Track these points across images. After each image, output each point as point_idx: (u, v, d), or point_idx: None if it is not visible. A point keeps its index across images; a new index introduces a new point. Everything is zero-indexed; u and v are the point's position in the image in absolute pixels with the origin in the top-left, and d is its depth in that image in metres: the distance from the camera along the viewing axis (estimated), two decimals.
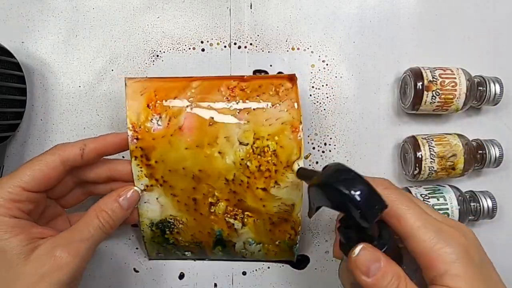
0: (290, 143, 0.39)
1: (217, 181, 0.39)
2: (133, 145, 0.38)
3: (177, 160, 0.39)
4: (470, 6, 0.48)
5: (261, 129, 0.39)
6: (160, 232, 0.42)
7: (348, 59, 0.47)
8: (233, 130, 0.39)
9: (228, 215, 0.41)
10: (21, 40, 0.45)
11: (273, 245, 0.43)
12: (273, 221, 0.41)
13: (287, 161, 0.39)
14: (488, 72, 0.46)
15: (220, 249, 0.43)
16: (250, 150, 0.39)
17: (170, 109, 0.39)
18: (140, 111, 0.38)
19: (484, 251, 0.32)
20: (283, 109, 0.39)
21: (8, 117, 0.42)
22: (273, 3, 0.47)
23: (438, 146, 0.44)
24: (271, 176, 0.39)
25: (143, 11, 0.46)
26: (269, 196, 0.40)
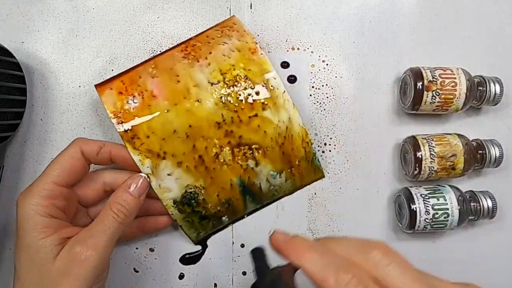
0: (255, 64, 0.40)
1: (210, 129, 0.40)
2: (121, 129, 0.39)
3: (164, 125, 0.39)
4: (470, 6, 0.48)
5: (224, 64, 0.40)
6: (188, 208, 0.42)
7: (348, 59, 0.47)
8: (199, 76, 0.40)
9: (239, 158, 0.41)
10: (21, 40, 0.45)
11: (295, 168, 0.43)
12: (280, 143, 0.41)
13: (262, 79, 0.40)
14: (488, 72, 0.46)
15: (251, 199, 0.43)
16: (224, 85, 0.40)
17: (138, 86, 0.40)
18: (115, 101, 0.40)
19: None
20: (235, 41, 0.41)
21: (8, 117, 0.42)
22: (273, 3, 0.47)
23: (438, 146, 0.44)
24: (254, 100, 0.40)
25: (143, 11, 0.46)
26: (264, 120, 0.41)
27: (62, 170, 0.37)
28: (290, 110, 0.41)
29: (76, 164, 0.37)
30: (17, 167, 0.45)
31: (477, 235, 0.48)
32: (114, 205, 0.37)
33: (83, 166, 0.38)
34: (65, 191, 0.37)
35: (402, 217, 0.45)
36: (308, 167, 0.44)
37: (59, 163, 0.37)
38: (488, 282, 0.49)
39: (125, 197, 0.37)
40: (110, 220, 0.36)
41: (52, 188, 0.36)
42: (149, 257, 0.46)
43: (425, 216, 0.43)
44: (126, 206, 0.37)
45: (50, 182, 0.36)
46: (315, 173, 0.45)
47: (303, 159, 0.43)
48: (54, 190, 0.36)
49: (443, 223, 0.43)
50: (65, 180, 0.37)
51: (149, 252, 0.46)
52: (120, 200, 0.37)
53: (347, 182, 0.47)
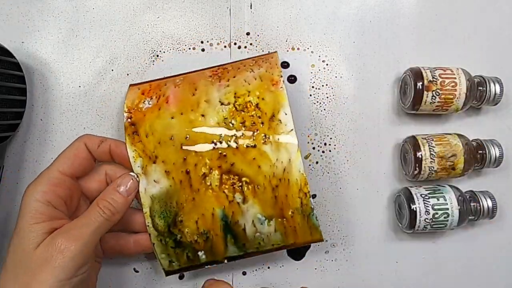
0: (272, 95, 0.39)
1: (204, 144, 0.39)
2: (127, 122, 0.40)
3: (164, 129, 0.39)
4: (470, 6, 0.48)
5: (241, 88, 0.39)
6: (164, 225, 0.39)
7: (348, 59, 0.47)
8: (213, 94, 0.40)
9: (226, 187, 0.39)
10: (21, 40, 0.45)
11: (288, 219, 0.39)
12: (274, 185, 0.38)
13: (272, 112, 0.39)
14: (488, 72, 0.46)
15: (232, 241, 0.40)
16: (233, 108, 0.39)
17: (159, 91, 0.41)
18: (135, 98, 0.41)
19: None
20: (262, 70, 0.40)
21: (8, 117, 0.42)
22: (273, 3, 0.47)
23: (438, 146, 0.44)
24: (258, 130, 0.38)
25: (143, 11, 0.46)
26: (261, 154, 0.38)
27: (66, 160, 0.38)
28: (292, 152, 0.38)
29: (80, 156, 0.38)
30: (17, 167, 0.45)
31: (477, 235, 0.48)
32: (101, 202, 0.37)
33: (87, 158, 0.39)
34: (68, 181, 0.38)
35: (402, 217, 0.45)
36: (303, 223, 0.39)
37: (65, 154, 0.38)
38: (488, 282, 0.49)
39: (113, 195, 0.38)
40: (95, 215, 0.36)
41: (56, 176, 0.37)
42: (149, 257, 0.46)
43: (425, 216, 0.43)
44: (113, 204, 0.37)
45: (55, 170, 0.37)
46: (312, 233, 0.40)
47: (298, 211, 0.39)
48: (58, 178, 0.37)
49: (443, 223, 0.43)
50: (69, 169, 0.38)
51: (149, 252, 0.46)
52: (108, 197, 0.37)
53: (347, 182, 0.47)
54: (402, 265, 0.47)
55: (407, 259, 0.48)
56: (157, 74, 0.46)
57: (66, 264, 0.34)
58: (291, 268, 0.47)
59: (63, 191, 0.37)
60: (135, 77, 0.46)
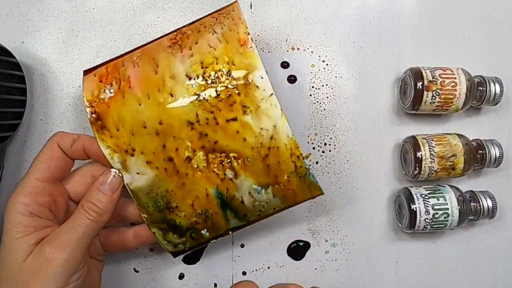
0: (242, 58, 0.35)
1: (182, 129, 0.36)
2: (92, 118, 0.37)
3: (134, 117, 0.36)
4: (470, 6, 0.48)
5: (207, 56, 0.36)
6: (159, 214, 0.38)
7: (348, 59, 0.47)
8: (177, 67, 0.36)
9: (214, 166, 0.36)
10: (21, 40, 0.45)
11: (284, 184, 0.37)
12: (264, 154, 0.36)
13: (246, 77, 0.35)
14: (488, 72, 0.46)
15: (232, 214, 0.38)
16: (203, 81, 0.35)
17: (118, 75, 0.37)
18: (93, 87, 0.37)
19: None
20: (226, 30, 0.36)
21: (8, 117, 0.42)
22: (273, 3, 0.47)
23: (438, 146, 0.44)
24: (235, 101, 0.35)
25: (143, 11, 0.46)
26: (244, 125, 0.36)
27: (42, 164, 0.36)
28: (276, 117, 0.35)
29: (54, 157, 0.37)
30: (17, 167, 0.45)
31: (477, 235, 0.48)
32: (85, 203, 0.36)
33: (62, 158, 0.37)
34: (48, 187, 0.36)
35: (402, 217, 0.45)
36: (301, 183, 0.38)
37: (39, 159, 0.36)
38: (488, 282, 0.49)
39: (97, 195, 0.36)
40: (80, 219, 0.35)
41: (34, 184, 0.35)
42: (149, 257, 0.46)
43: (425, 216, 0.43)
44: (98, 204, 0.35)
45: (32, 178, 0.36)
46: (311, 190, 0.38)
47: (294, 174, 0.37)
48: (36, 186, 0.35)
49: (443, 223, 0.43)
50: (46, 175, 0.36)
51: (149, 252, 0.46)
52: (92, 198, 0.36)
53: (347, 182, 0.47)
54: (402, 265, 0.47)
55: (407, 259, 0.48)
56: None
57: (56, 273, 0.33)
58: (291, 268, 0.47)
59: (44, 199, 0.36)
60: None
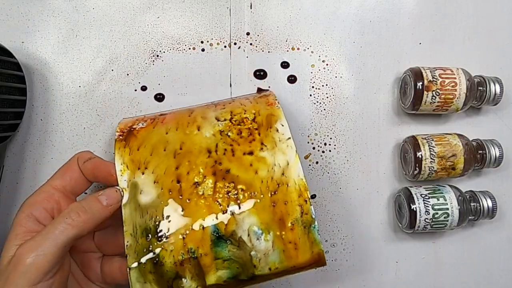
0: (268, 111, 0.39)
1: (199, 156, 0.37)
2: (118, 139, 0.39)
3: (158, 141, 0.38)
4: (470, 6, 0.48)
5: (237, 108, 0.40)
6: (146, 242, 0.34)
7: (348, 59, 0.47)
8: (209, 113, 0.40)
9: (219, 195, 0.35)
10: (21, 40, 0.45)
11: (287, 232, 0.35)
12: (272, 190, 0.35)
13: (268, 123, 0.38)
14: (488, 72, 0.46)
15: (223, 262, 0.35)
16: (229, 123, 0.38)
17: (157, 116, 0.41)
18: (128, 121, 0.41)
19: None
20: (257, 98, 0.41)
21: (8, 117, 0.42)
22: (273, 3, 0.47)
23: (438, 146, 0.44)
24: (255, 139, 0.37)
25: (143, 11, 0.46)
26: (258, 159, 0.36)
27: (58, 174, 0.37)
28: (290, 156, 0.36)
29: (71, 169, 0.37)
30: (17, 167, 0.45)
31: (477, 235, 0.48)
32: (74, 206, 0.34)
33: (77, 172, 0.37)
34: (58, 195, 0.36)
35: (402, 217, 0.45)
36: (304, 237, 0.35)
37: (59, 170, 0.38)
38: (488, 282, 0.49)
39: (91, 200, 0.35)
40: (59, 220, 0.33)
41: (45, 189, 0.36)
42: None
43: (425, 216, 0.43)
44: (87, 208, 0.34)
45: (47, 184, 0.37)
46: (313, 250, 0.35)
47: (298, 222, 0.35)
48: (47, 191, 0.36)
49: (443, 223, 0.43)
50: (58, 182, 0.37)
51: None
52: (84, 202, 0.35)
53: (347, 182, 0.47)
54: (402, 265, 0.47)
55: (407, 259, 0.48)
56: (157, 74, 0.46)
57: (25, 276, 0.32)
58: None
59: (49, 204, 0.35)
60: (135, 77, 0.46)
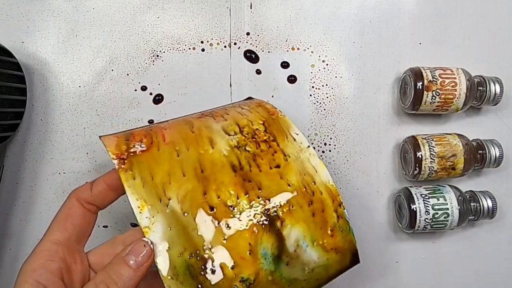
0: (276, 122, 0.37)
1: (223, 172, 0.33)
2: (121, 169, 0.32)
3: (172, 166, 0.33)
4: (470, 6, 0.48)
5: (241, 119, 0.37)
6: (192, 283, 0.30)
7: (348, 59, 0.47)
8: (215, 127, 0.36)
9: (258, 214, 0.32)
10: (21, 40, 0.45)
11: (327, 238, 0.34)
12: (309, 200, 0.34)
13: (283, 134, 0.36)
14: (488, 72, 0.46)
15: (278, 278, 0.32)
16: (242, 137, 0.35)
17: (148, 135, 0.35)
18: (120, 143, 0.34)
19: None
20: (253, 106, 0.40)
21: (8, 117, 0.42)
22: (273, 3, 0.47)
23: (438, 146, 0.44)
24: (276, 151, 0.35)
25: (143, 11, 0.46)
26: (287, 171, 0.34)
27: (57, 224, 0.32)
28: (316, 164, 0.35)
29: (72, 214, 0.32)
30: (17, 167, 0.45)
31: (477, 235, 0.48)
32: (102, 276, 0.29)
33: (82, 216, 0.33)
34: (63, 250, 0.31)
35: (402, 217, 0.45)
36: (342, 237, 0.34)
37: (56, 219, 0.32)
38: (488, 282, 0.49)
39: (119, 267, 0.30)
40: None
41: (47, 247, 0.31)
42: None
43: (425, 216, 0.43)
44: (120, 282, 0.29)
45: (46, 240, 0.31)
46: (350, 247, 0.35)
47: (336, 227, 0.34)
48: (49, 249, 0.31)
49: (443, 223, 0.43)
50: (61, 235, 0.32)
51: None
52: (112, 271, 0.29)
53: (347, 182, 0.47)
54: (402, 265, 0.47)
55: (407, 259, 0.48)
56: (157, 74, 0.46)
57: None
58: None
59: (55, 265, 0.30)
60: (135, 77, 0.46)
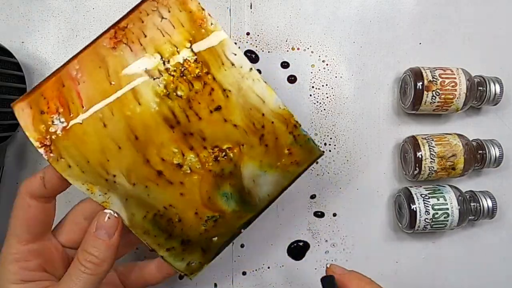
0: (206, 40, 0.31)
1: (160, 132, 0.31)
2: (54, 160, 0.31)
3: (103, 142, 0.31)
4: (470, 6, 0.48)
5: (164, 46, 0.31)
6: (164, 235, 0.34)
7: (348, 59, 0.47)
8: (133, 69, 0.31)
9: (209, 164, 0.32)
10: (21, 40, 0.45)
11: (286, 157, 0.34)
12: (259, 135, 0.32)
13: (217, 56, 0.31)
14: (488, 72, 0.46)
15: (241, 208, 0.34)
16: (169, 77, 0.31)
17: (63, 98, 0.31)
18: (37, 123, 0.31)
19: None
20: (175, 12, 0.31)
21: (8, 117, 0.42)
22: (273, 3, 0.47)
23: (438, 146, 0.44)
24: (213, 88, 0.31)
25: None
26: (230, 111, 0.31)
27: (19, 228, 0.32)
28: (262, 92, 0.31)
29: (31, 215, 0.32)
30: (17, 167, 0.45)
31: (477, 235, 0.48)
32: (82, 254, 0.31)
33: (41, 211, 0.32)
34: (35, 248, 0.32)
35: (402, 217, 0.45)
36: (303, 151, 0.34)
37: (14, 222, 0.32)
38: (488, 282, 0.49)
39: (93, 242, 0.31)
40: (76, 274, 0.31)
41: (18, 251, 0.31)
42: (149, 257, 0.46)
43: (425, 216, 0.43)
44: (95, 254, 0.31)
45: (13, 243, 0.31)
46: (311, 154, 0.35)
47: (294, 145, 0.33)
48: (20, 252, 0.31)
49: (443, 223, 0.43)
50: (27, 237, 0.32)
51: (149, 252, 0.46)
52: (87, 247, 0.31)
53: (347, 182, 0.47)
54: (402, 265, 0.47)
55: (407, 259, 0.48)
56: None
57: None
58: (291, 268, 0.47)
59: (33, 263, 0.32)
60: None
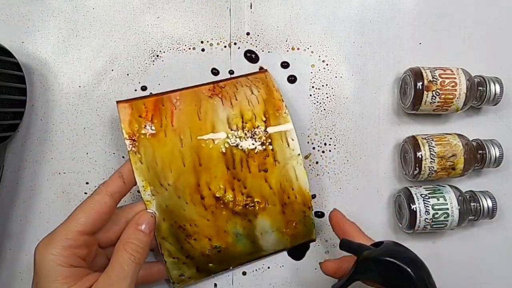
0: (278, 121, 0.41)
1: (217, 167, 0.40)
2: (133, 153, 0.39)
3: (175, 156, 0.39)
4: (470, 6, 0.48)
5: (247, 112, 0.41)
6: (177, 245, 0.41)
7: (348, 59, 0.47)
8: (220, 116, 0.41)
9: (239, 207, 0.41)
10: (21, 40, 0.45)
11: (291, 228, 0.43)
12: (283, 202, 0.42)
13: (280, 135, 0.41)
14: (488, 72, 0.46)
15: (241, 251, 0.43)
16: (242, 134, 0.41)
17: (159, 113, 0.40)
18: (132, 121, 0.40)
19: None
20: (263, 93, 0.42)
21: (8, 117, 0.42)
22: (273, 3, 0.47)
23: (438, 146, 0.44)
24: (268, 155, 0.41)
25: (143, 11, 0.46)
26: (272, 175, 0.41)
27: (87, 218, 0.35)
28: (299, 172, 0.41)
29: (104, 211, 0.36)
30: (17, 167, 0.45)
31: (477, 235, 0.48)
32: (128, 245, 0.35)
33: (110, 208, 0.37)
34: (88, 240, 0.36)
35: (402, 217, 0.45)
36: (304, 229, 0.44)
37: (85, 211, 0.35)
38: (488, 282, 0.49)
39: (137, 234, 0.36)
40: (127, 263, 0.34)
41: (76, 238, 0.34)
42: (149, 257, 0.46)
43: (425, 216, 0.43)
44: (140, 244, 0.36)
45: (74, 231, 0.34)
46: (307, 235, 0.45)
47: (301, 223, 0.43)
48: (77, 239, 0.34)
49: (443, 223, 0.43)
50: (90, 229, 0.35)
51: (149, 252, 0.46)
52: (132, 238, 0.36)
53: (347, 182, 0.47)
54: None
55: None
56: (157, 74, 0.46)
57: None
58: (291, 268, 0.47)
59: (83, 252, 0.35)
60: (135, 77, 0.46)
